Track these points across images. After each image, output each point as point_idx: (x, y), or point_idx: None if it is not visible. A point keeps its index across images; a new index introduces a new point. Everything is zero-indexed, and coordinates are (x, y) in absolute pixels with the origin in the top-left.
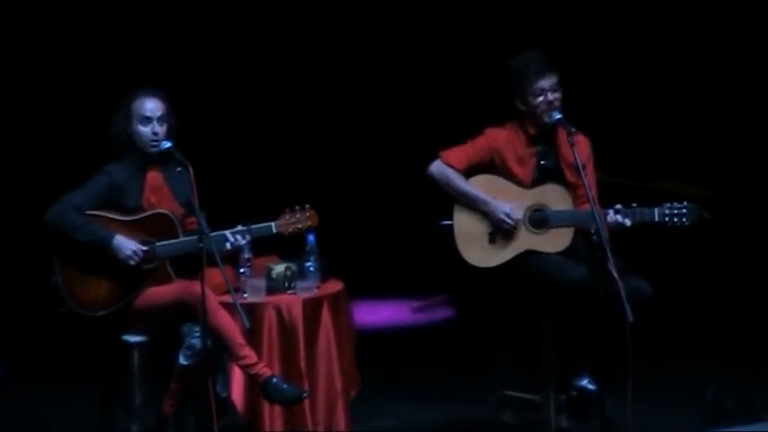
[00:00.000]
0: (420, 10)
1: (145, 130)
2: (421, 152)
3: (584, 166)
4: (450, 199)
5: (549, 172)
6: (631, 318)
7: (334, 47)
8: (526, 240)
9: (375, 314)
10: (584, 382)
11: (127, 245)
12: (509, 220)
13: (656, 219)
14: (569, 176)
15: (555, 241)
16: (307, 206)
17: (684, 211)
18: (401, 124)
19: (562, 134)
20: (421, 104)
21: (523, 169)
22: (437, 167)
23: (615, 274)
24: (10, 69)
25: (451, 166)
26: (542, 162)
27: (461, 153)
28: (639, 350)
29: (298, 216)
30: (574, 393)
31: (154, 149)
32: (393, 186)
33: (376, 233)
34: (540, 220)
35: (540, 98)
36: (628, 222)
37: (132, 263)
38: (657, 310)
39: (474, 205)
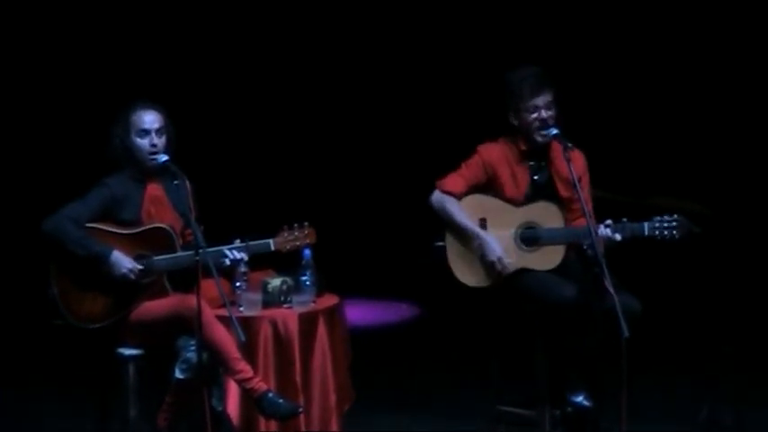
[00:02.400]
0: (418, 28)
1: (143, 142)
2: (417, 170)
3: (579, 180)
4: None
5: (542, 187)
6: (627, 333)
7: (334, 65)
8: (518, 259)
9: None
10: (580, 398)
11: (123, 262)
12: (499, 266)
13: (646, 233)
14: (563, 192)
15: (546, 259)
16: (305, 224)
17: (674, 224)
18: (398, 141)
19: (555, 150)
20: (418, 122)
21: (516, 185)
22: (436, 198)
23: (611, 290)
24: (10, 80)
25: (450, 193)
26: (535, 177)
27: (457, 178)
28: (635, 366)
29: (296, 234)
30: (569, 409)
31: (152, 162)
32: (389, 202)
33: (371, 248)
34: (531, 238)
35: (534, 115)
36: (618, 237)
37: (128, 280)
38: (653, 327)
39: (469, 237)
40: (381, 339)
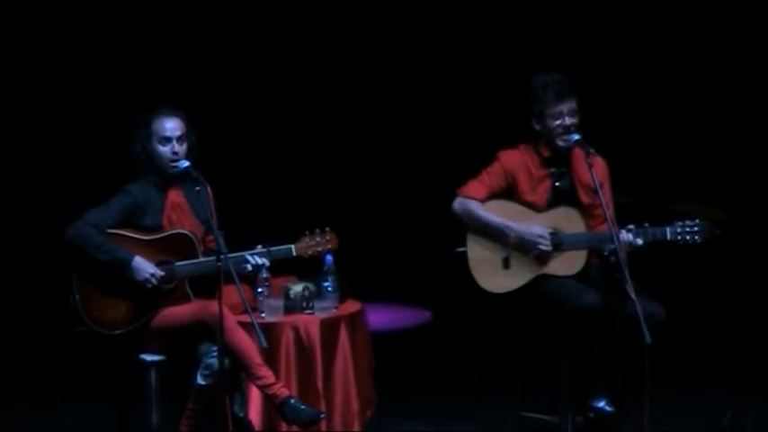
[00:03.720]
0: (441, 38)
1: (164, 149)
2: (438, 175)
3: (601, 185)
4: (463, 226)
5: (563, 193)
6: (649, 339)
7: (356, 71)
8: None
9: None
10: (602, 404)
11: (145, 267)
12: (545, 241)
13: (669, 237)
14: (584, 198)
15: (568, 264)
16: (327, 229)
17: (696, 228)
18: (419, 146)
19: (577, 156)
20: (439, 128)
21: (537, 191)
22: (458, 204)
23: (633, 296)
24: (33, 88)
25: (472, 198)
26: (557, 184)
27: (478, 184)
28: (657, 371)
29: (318, 239)
30: (591, 415)
31: (174, 169)
32: (410, 208)
33: (393, 254)
34: (553, 243)
35: (558, 122)
36: (640, 242)
37: (150, 286)
38: (675, 332)
39: (502, 234)
40: (403, 345)
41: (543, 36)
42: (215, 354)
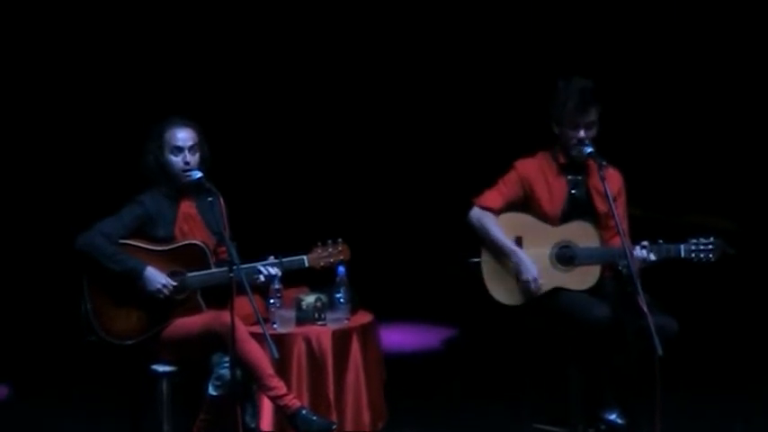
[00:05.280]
0: (456, 43)
1: (176, 159)
2: (451, 185)
3: (614, 199)
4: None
5: (580, 202)
6: (661, 351)
7: (369, 82)
8: (553, 278)
9: (403, 346)
10: (613, 416)
11: (157, 278)
12: (533, 286)
13: (683, 255)
14: (600, 206)
15: (582, 278)
16: (339, 240)
17: (711, 246)
18: (432, 156)
19: (593, 164)
20: (453, 138)
21: (553, 199)
22: (474, 215)
23: (645, 309)
24: (44, 96)
25: (489, 209)
26: (573, 192)
27: (495, 194)
28: (668, 384)
29: (330, 250)
30: (602, 427)
31: (186, 179)
32: (423, 218)
33: (406, 266)
34: (567, 257)
35: (573, 132)
36: (653, 257)
37: (162, 296)
38: (686, 344)
39: (505, 256)
40: (414, 357)
41: (562, 45)
42: (227, 364)
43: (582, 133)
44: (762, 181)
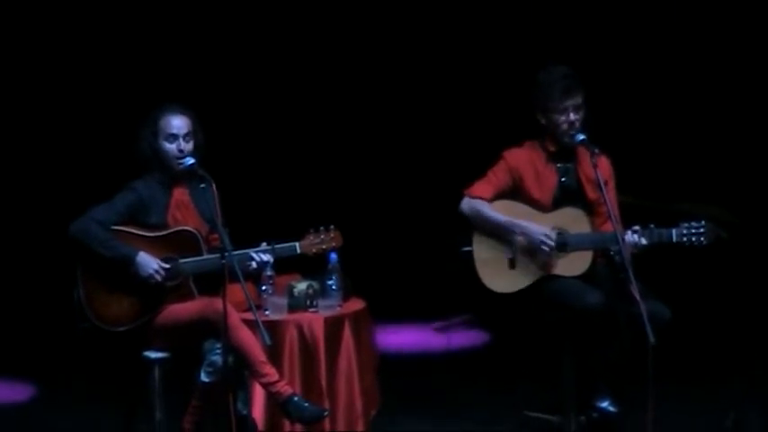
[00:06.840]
0: (444, 33)
1: (171, 147)
2: (443, 172)
3: (605, 184)
4: (468, 225)
5: (570, 189)
6: (653, 339)
7: (360, 70)
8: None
9: (396, 334)
10: (605, 404)
11: (150, 263)
12: (549, 241)
13: (674, 239)
14: (591, 193)
15: (574, 265)
16: (331, 227)
17: (702, 230)
18: (424, 144)
19: (583, 151)
20: (444, 127)
21: (543, 188)
22: (466, 204)
23: (637, 296)
24: (37, 83)
25: (480, 198)
26: (563, 179)
27: (485, 184)
28: (660, 372)
29: (322, 237)
30: (595, 415)
31: (179, 166)
32: (415, 205)
33: (398, 253)
34: (559, 243)
35: (563, 117)
36: (644, 242)
37: (154, 281)
38: (679, 333)
39: (509, 231)
40: (406, 344)
41: (547, 34)
42: (219, 351)
43: (572, 116)
44: (754, 169)
